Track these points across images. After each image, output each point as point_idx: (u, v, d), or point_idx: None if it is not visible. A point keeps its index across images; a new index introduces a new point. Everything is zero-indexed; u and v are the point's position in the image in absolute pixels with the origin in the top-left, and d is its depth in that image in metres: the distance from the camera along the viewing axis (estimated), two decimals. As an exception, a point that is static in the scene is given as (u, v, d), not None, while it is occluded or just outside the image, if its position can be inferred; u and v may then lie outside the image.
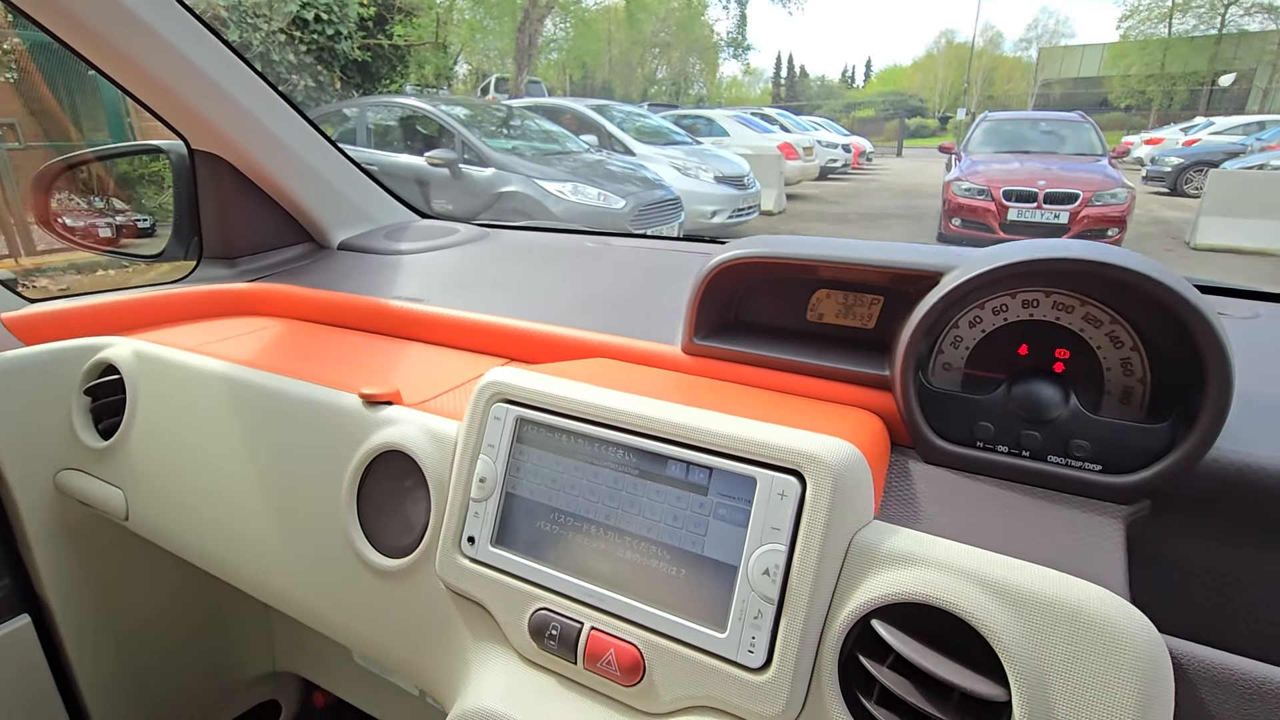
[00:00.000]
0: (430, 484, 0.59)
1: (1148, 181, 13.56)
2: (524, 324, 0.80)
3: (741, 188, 8.38)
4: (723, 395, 0.61)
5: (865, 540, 0.44)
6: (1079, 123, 9.25)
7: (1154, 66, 32.78)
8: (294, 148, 1.11)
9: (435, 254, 1.12)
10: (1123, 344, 0.54)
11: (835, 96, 52.96)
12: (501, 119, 7.62)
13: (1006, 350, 0.57)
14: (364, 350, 0.84)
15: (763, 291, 0.71)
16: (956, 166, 8.73)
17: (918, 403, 0.57)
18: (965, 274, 0.53)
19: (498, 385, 0.56)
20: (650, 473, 0.49)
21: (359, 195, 1.25)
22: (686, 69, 35.37)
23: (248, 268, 1.12)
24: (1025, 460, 0.54)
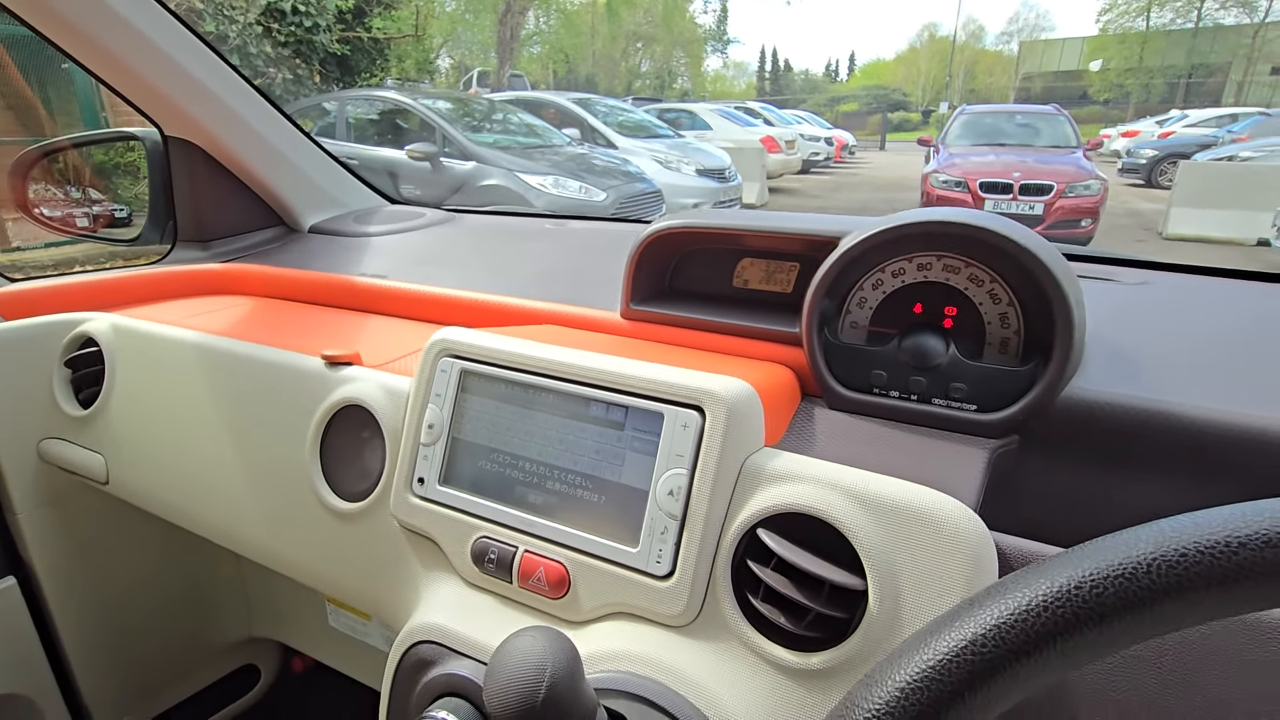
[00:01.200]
0: (385, 433, 0.65)
1: (1124, 173, 13.79)
2: (480, 295, 0.86)
3: (723, 180, 8.46)
4: (655, 353, 0.67)
5: (754, 463, 0.51)
6: (1054, 115, 9.42)
7: (1132, 60, 33.20)
8: (265, 134, 1.16)
9: (402, 235, 1.17)
10: (1000, 300, 0.61)
11: (819, 90, 53.17)
12: (483, 113, 7.64)
13: (904, 309, 0.64)
14: (330, 322, 0.90)
15: (694, 260, 0.77)
16: (935, 159, 8.87)
17: (822, 356, 0.64)
18: (855, 238, 0.60)
19: (444, 341, 0.62)
20: (576, 413, 0.56)
21: (329, 181, 1.30)
22: (670, 63, 35.38)
23: (221, 250, 1.17)
24: (913, 403, 0.61)
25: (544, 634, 0.37)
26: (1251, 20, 30.78)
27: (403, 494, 0.62)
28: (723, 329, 0.71)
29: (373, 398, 0.67)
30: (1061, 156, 8.27)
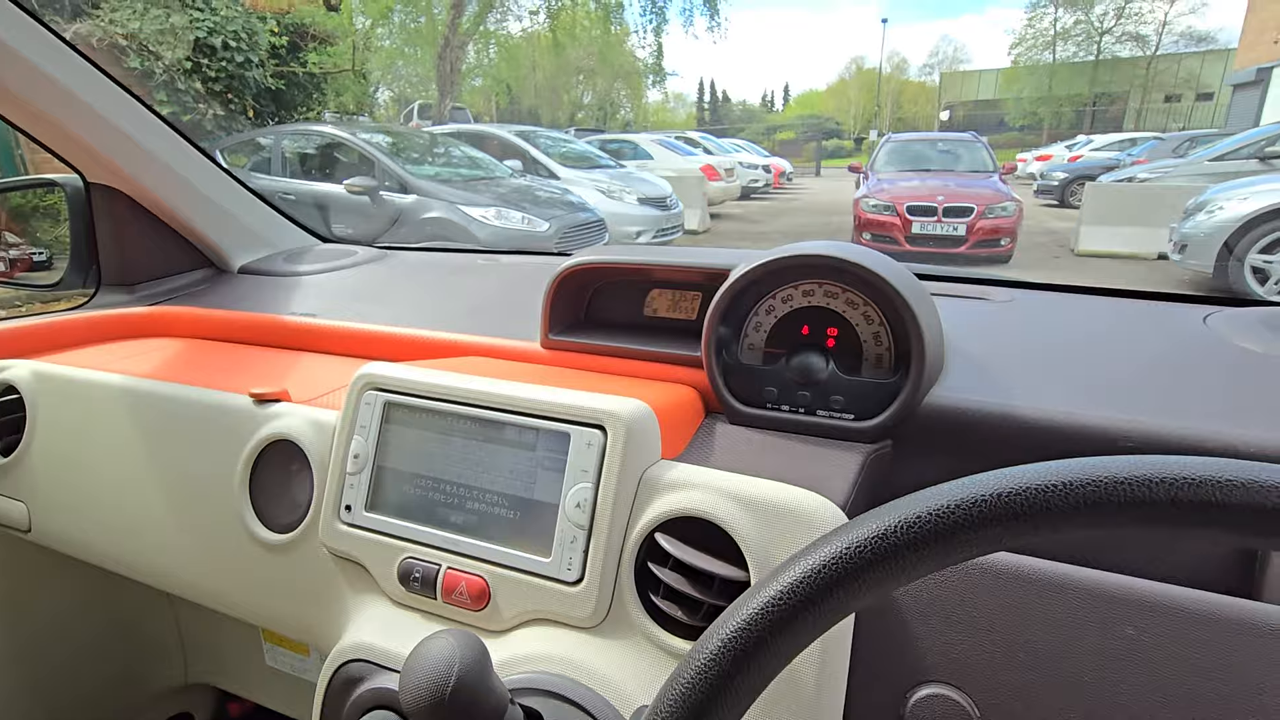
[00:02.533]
0: (313, 465, 0.68)
1: (1039, 195, 14.70)
2: (409, 331, 0.90)
3: (665, 208, 8.65)
4: (572, 379, 0.73)
5: (651, 475, 0.56)
6: (972, 142, 10.02)
7: (1042, 90, 35.59)
8: (189, 177, 1.17)
9: (333, 274, 1.20)
10: (873, 321, 0.69)
11: (757, 120, 54.98)
12: (424, 146, 7.64)
13: (793, 331, 0.72)
14: (259, 361, 0.92)
15: (608, 292, 0.84)
16: (865, 185, 9.29)
17: (721, 376, 0.70)
18: (742, 269, 0.67)
19: (368, 376, 0.66)
20: (491, 437, 0.60)
21: (258, 221, 1.32)
22: (612, 95, 36.07)
23: (147, 293, 1.17)
24: (800, 415, 0.68)
25: (453, 635, 0.41)
26: (1144, 53, 33.53)
27: (331, 522, 0.65)
28: (635, 354, 0.77)
29: (300, 432, 0.70)
30: (980, 180, 8.79)
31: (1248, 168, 8.20)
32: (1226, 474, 0.24)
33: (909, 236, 8.17)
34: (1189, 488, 0.24)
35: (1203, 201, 6.44)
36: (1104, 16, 33.85)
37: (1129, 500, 0.25)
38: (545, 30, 16.44)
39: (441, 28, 14.02)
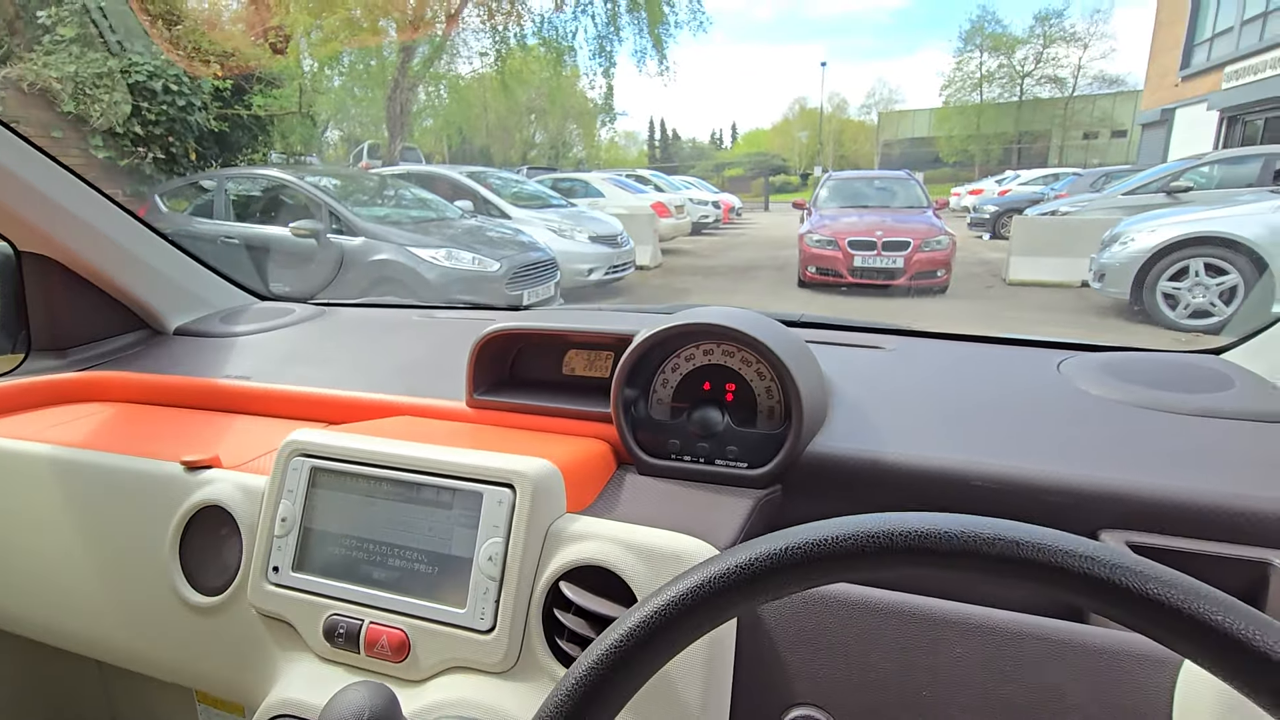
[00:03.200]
0: (242, 529, 0.72)
1: (972, 227, 15.48)
2: (340, 392, 0.94)
3: (615, 246, 8.81)
4: (495, 436, 0.78)
5: (557, 528, 0.62)
6: (906, 180, 10.56)
7: (971, 128, 37.71)
8: (120, 241, 1.18)
9: (269, 334, 1.23)
10: (765, 377, 0.77)
11: (706, 157, 56.53)
12: (374, 188, 7.65)
13: (696, 386, 0.79)
14: (193, 425, 0.94)
15: (530, 353, 0.90)
16: (808, 220, 9.67)
17: (630, 431, 0.77)
18: (641, 336, 0.75)
19: (295, 443, 0.70)
20: (411, 498, 0.65)
21: (193, 281, 1.34)
22: (564, 134, 36.64)
23: (79, 357, 1.18)
24: (700, 464, 0.75)
25: (364, 686, 0.46)
26: (1063, 94, 35.98)
27: (259, 583, 0.68)
28: (553, 412, 0.83)
29: (230, 498, 0.73)
30: (916, 215, 9.26)
31: (1156, 201, 8.84)
32: (941, 527, 0.32)
33: (851, 269, 8.51)
34: (911, 538, 0.32)
35: (1117, 233, 6.93)
36: (1024, 61, 36.29)
37: (876, 550, 0.32)
38: (494, 73, 16.72)
39: (391, 70, 14.13)
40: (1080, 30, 35.36)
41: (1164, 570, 0.30)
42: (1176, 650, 0.30)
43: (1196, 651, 0.29)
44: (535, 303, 6.52)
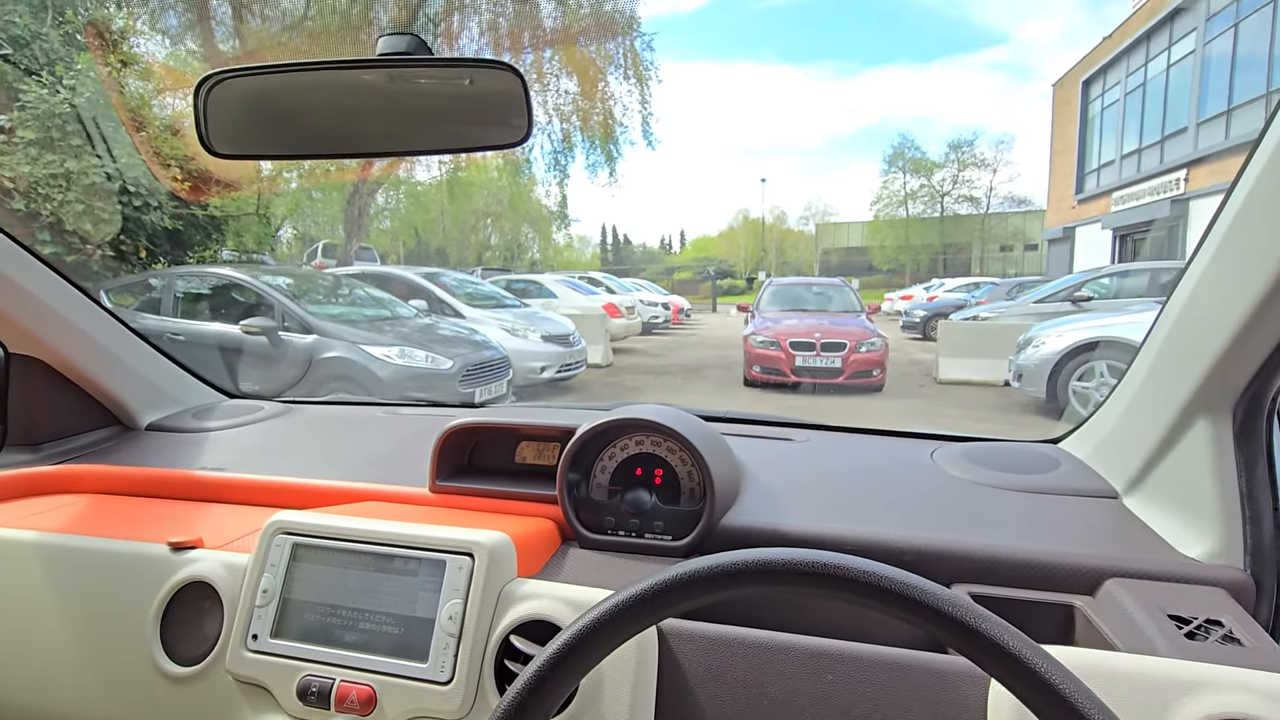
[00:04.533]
0: (224, 602, 0.80)
1: (905, 329, 16.50)
2: (311, 481, 1.05)
3: (568, 345, 9.06)
4: (455, 518, 0.90)
5: (509, 590, 0.74)
6: (841, 286, 11.35)
7: (901, 239, 40.84)
8: (100, 340, 1.26)
9: (240, 429, 1.32)
10: (687, 462, 0.92)
11: (656, 261, 59.01)
12: (328, 287, 7.78)
13: (630, 471, 0.93)
14: (170, 513, 1.02)
15: (486, 444, 1.03)
16: (752, 322, 10.20)
17: (572, 511, 0.90)
18: (582, 430, 0.90)
19: (279, 522, 0.81)
20: (382, 568, 0.76)
21: (165, 379, 1.43)
22: (520, 237, 37.89)
23: (52, 451, 1.24)
24: (631, 538, 0.88)
25: None
26: (979, 212, 39.65)
27: (239, 651, 0.76)
28: (506, 495, 0.96)
29: (215, 574, 0.82)
30: (850, 319, 9.89)
31: (1063, 309, 9.71)
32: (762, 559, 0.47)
33: (794, 369, 8.93)
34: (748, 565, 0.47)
35: (1030, 337, 7.56)
36: (943, 182, 40.12)
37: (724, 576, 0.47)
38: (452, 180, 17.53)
39: (351, 177, 14.65)
40: (989, 157, 39.59)
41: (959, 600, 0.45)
42: (984, 669, 0.44)
43: (988, 665, 0.43)
44: (487, 400, 6.60)
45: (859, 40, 68.66)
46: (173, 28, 12.08)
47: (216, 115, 0.67)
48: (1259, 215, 0.67)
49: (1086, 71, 21.05)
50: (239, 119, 0.67)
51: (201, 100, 0.66)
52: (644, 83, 14.53)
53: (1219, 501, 0.75)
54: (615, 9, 12.65)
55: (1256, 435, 0.75)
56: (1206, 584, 0.73)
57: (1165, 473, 0.84)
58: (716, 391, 9.68)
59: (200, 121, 0.66)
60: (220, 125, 0.67)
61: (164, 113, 10.66)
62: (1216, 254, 0.73)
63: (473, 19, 12.50)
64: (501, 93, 0.64)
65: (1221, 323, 0.71)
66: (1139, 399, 0.88)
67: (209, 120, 0.67)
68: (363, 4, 11.78)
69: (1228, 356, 0.72)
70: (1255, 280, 0.66)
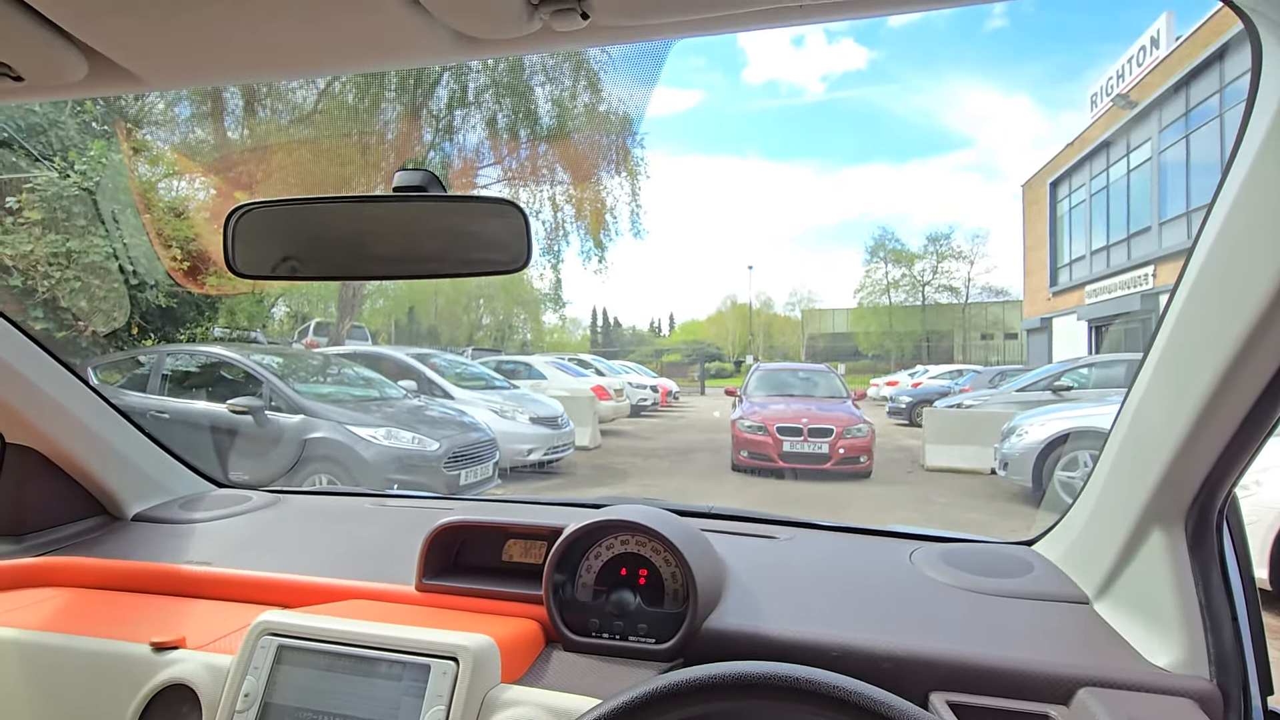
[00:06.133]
0: (204, 705, 0.80)
1: (891, 415, 16.62)
2: (297, 577, 1.05)
3: (556, 427, 9.04)
4: (441, 617, 0.91)
5: (492, 696, 0.74)
6: (827, 372, 11.54)
7: (885, 326, 41.82)
8: (94, 428, 1.27)
9: (227, 520, 1.33)
10: (670, 563, 0.94)
11: (645, 343, 59.77)
12: (317, 367, 7.81)
13: (614, 571, 0.95)
14: (153, 609, 1.02)
15: (474, 542, 1.05)
16: (739, 407, 10.26)
17: (557, 613, 0.91)
18: (569, 530, 0.92)
19: (266, 623, 0.82)
20: (366, 672, 0.77)
21: (155, 468, 1.44)
22: (511, 318, 38.45)
23: (35, 542, 1.23)
24: (615, 641, 0.89)
25: None
26: (959, 301, 40.91)
27: (213, 761, 0.75)
28: (493, 595, 0.97)
29: (196, 676, 0.82)
30: (837, 405, 9.98)
31: (1045, 398, 9.86)
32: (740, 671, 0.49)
33: (781, 454, 8.93)
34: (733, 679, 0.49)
35: (1013, 426, 7.64)
36: (923, 272, 41.56)
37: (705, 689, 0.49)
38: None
39: (348, 258, 14.99)
40: (966, 250, 41.27)
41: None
42: None
43: None
44: (472, 482, 6.52)
45: (837, 142, 73.14)
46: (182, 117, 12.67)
47: (242, 241, 0.73)
48: (1193, 329, 0.72)
49: (1053, 174, 22.37)
50: (263, 245, 0.73)
51: (230, 228, 0.73)
52: (634, 177, 15.25)
53: (1180, 611, 0.78)
54: (610, 110, 13.47)
55: (1208, 544, 0.79)
56: (1175, 694, 0.75)
57: (1130, 579, 0.87)
58: (705, 475, 9.61)
59: (228, 247, 0.73)
60: (245, 250, 0.73)
61: (168, 196, 11.01)
62: (1160, 362, 0.78)
63: (475, 115, 13.23)
64: (506, 225, 0.71)
65: (1168, 432, 0.75)
66: (1101, 503, 0.92)
67: (235, 246, 0.73)
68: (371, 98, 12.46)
69: (1176, 466, 0.76)
70: (1195, 391, 0.70)
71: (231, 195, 11.93)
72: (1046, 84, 62.77)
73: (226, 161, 12.09)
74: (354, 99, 12.51)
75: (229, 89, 12.20)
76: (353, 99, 12.52)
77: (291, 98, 12.84)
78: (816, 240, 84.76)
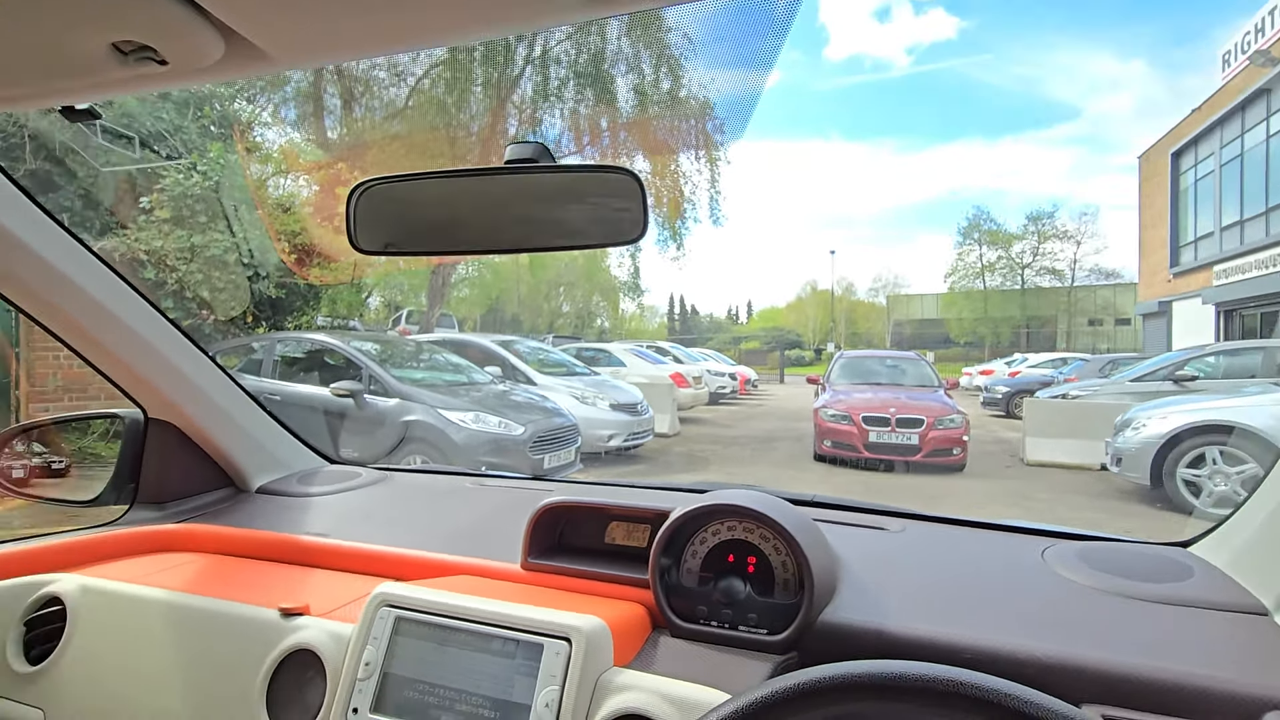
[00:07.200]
0: (328, 671, 0.83)
1: (985, 405, 15.72)
2: (409, 552, 1.08)
3: (636, 414, 9.09)
4: (547, 596, 0.91)
5: (605, 679, 0.73)
6: (916, 359, 11.02)
7: (979, 312, 39.50)
8: (227, 408, 1.38)
9: (340, 495, 1.39)
10: (780, 551, 0.90)
11: (723, 331, 59.15)
12: (410, 352, 8.18)
13: (721, 558, 0.92)
14: (277, 577, 1.07)
15: (577, 522, 1.04)
16: (823, 395, 9.98)
17: (664, 598, 0.89)
18: (677, 513, 0.90)
19: (384, 595, 0.84)
20: (480, 647, 0.77)
21: (276, 444, 1.53)
22: (590, 305, 38.99)
23: (175, 510, 1.33)
24: (724, 629, 0.86)
25: None
26: (1063, 285, 38.07)
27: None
28: (597, 576, 0.96)
29: (320, 642, 0.85)
30: (927, 394, 9.53)
31: (1165, 389, 9.03)
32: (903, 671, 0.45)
33: (867, 444, 8.62)
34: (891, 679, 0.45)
35: (1129, 419, 7.05)
36: (1022, 254, 38.88)
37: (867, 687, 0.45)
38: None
39: (437, 249, 15.58)
40: (1071, 229, 38.17)
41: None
42: None
43: None
44: (555, 466, 6.66)
45: (924, 118, 69.22)
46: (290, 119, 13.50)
47: (364, 217, 0.74)
48: None
49: (1175, 144, 20.33)
50: (383, 222, 0.74)
51: (353, 204, 0.74)
52: (714, 164, 15.01)
53: None
54: (690, 95, 13.30)
55: None
56: None
57: None
58: (787, 464, 9.42)
59: (350, 223, 0.74)
60: (367, 226, 0.75)
61: (276, 193, 11.80)
62: None
63: (557, 107, 13.39)
64: (621, 195, 0.69)
65: None
66: None
67: (358, 222, 0.75)
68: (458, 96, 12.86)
69: None
70: None
71: (332, 191, 12.66)
72: (1166, 45, 57.18)
73: (326, 160, 12.82)
74: (443, 91, 12.94)
75: (329, 89, 12.90)
76: (441, 91, 12.95)
77: (384, 95, 13.42)
78: (901, 223, 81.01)
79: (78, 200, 8.36)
